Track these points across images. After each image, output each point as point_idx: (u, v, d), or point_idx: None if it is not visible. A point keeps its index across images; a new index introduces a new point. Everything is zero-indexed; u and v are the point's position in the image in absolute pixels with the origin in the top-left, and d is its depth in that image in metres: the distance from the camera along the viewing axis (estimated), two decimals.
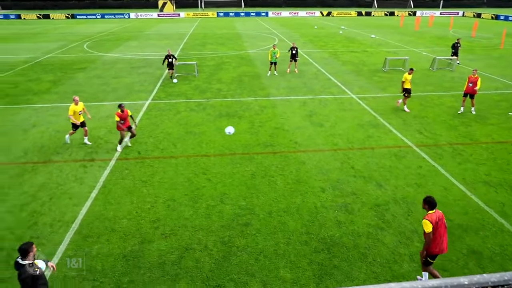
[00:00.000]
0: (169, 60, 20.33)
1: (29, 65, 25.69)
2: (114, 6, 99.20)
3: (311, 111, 15.67)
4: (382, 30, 47.58)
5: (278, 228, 8.13)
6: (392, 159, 11.33)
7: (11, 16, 71.30)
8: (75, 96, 12.14)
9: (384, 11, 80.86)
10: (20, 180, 10.13)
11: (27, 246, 5.09)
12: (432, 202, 6.21)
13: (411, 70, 15.53)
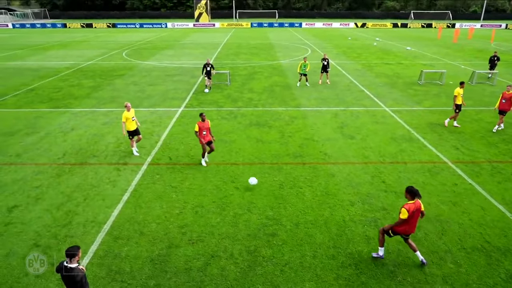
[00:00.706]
0: (207, 68, 20.53)
1: (72, 71, 27.05)
2: (153, 16, 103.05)
3: (342, 122, 15.46)
4: (418, 42, 46.45)
5: (305, 240, 8.02)
6: (425, 175, 10.94)
7: (58, 25, 75.65)
8: (127, 102, 11.91)
9: (421, 23, 78.98)
10: (58, 180, 10.61)
11: (74, 250, 5.25)
12: (413, 192, 6.79)
13: (463, 84, 14.54)
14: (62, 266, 5.20)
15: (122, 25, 75.49)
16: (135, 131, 11.96)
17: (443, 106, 17.97)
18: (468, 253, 7.59)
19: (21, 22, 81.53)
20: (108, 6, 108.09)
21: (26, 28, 74.49)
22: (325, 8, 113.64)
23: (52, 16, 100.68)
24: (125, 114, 11.71)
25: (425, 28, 75.61)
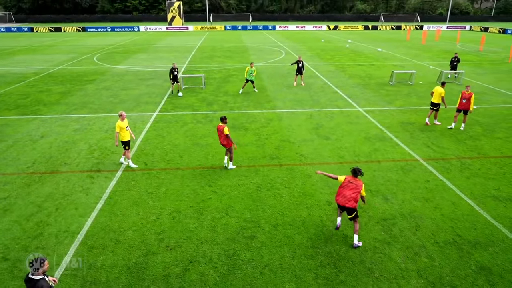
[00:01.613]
0: (174, 73, 20.16)
1: (40, 76, 26.15)
2: (124, 19, 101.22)
3: (318, 124, 15.67)
4: (388, 44, 47.77)
5: (284, 241, 8.05)
6: (399, 172, 11.23)
7: (24, 29, 72.96)
8: (122, 112, 11.23)
9: (390, 25, 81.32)
10: (28, 190, 10.21)
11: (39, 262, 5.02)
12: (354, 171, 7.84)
13: (444, 84, 15.27)
14: (27, 279, 5.02)
15: (92, 29, 73.71)
16: (129, 141, 11.40)
17: (414, 105, 18.54)
18: (441, 247, 7.84)
19: None
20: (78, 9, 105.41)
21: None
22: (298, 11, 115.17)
23: (18, 20, 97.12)
24: (119, 124, 11.03)
25: (394, 30, 77.92)
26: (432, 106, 15.26)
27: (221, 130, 10.79)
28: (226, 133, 10.71)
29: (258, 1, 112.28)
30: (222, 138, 10.89)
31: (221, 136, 10.87)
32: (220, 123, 10.89)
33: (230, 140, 10.89)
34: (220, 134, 10.86)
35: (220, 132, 10.83)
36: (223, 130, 10.74)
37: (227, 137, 10.80)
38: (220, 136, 10.95)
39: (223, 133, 10.77)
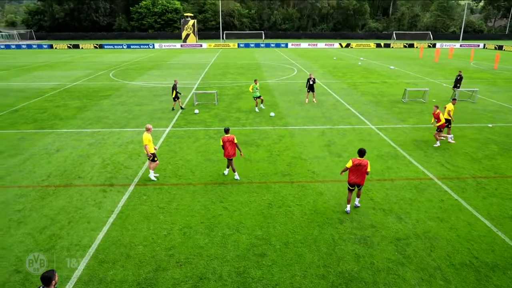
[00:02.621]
0: (176, 90, 20.32)
1: (58, 91, 26.83)
2: (140, 37, 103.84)
3: (330, 141, 15.61)
4: (401, 62, 47.75)
5: (295, 260, 7.93)
6: (412, 191, 11.05)
7: (44, 46, 75.36)
8: (149, 125, 11.55)
9: (403, 43, 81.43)
10: (42, 203, 10.35)
11: (50, 274, 5.09)
12: (360, 151, 9.30)
13: (454, 100, 15.45)
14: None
15: (109, 46, 75.69)
16: (154, 154, 11.55)
17: (427, 123, 18.35)
18: (457, 269, 7.62)
19: (6, 43, 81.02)
20: (95, 27, 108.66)
21: (11, 49, 74.01)
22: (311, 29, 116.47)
23: (38, 37, 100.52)
24: (147, 136, 11.23)
25: (407, 48, 77.97)
26: None
27: (231, 140, 11.19)
28: (236, 142, 11.26)
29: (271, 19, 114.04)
30: (232, 148, 11.24)
31: (231, 146, 11.21)
32: (227, 135, 11.31)
33: (239, 148, 11.42)
34: (230, 144, 11.18)
35: (230, 142, 11.17)
36: (233, 139, 11.22)
37: (237, 145, 11.32)
38: (228, 147, 11.21)
39: (233, 143, 11.21)
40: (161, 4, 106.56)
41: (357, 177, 9.32)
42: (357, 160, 9.24)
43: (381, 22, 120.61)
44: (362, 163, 9.17)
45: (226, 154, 11.40)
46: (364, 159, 9.23)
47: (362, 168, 9.18)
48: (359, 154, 9.28)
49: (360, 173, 9.26)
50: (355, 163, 9.20)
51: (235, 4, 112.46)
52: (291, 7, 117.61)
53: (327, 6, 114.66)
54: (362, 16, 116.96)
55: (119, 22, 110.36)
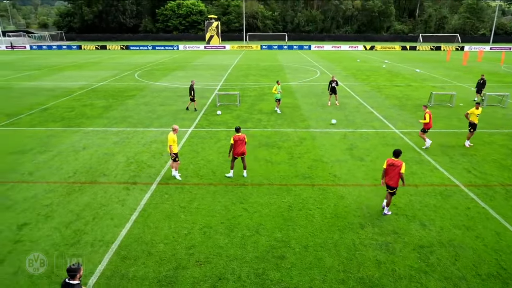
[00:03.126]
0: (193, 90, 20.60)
1: (85, 91, 27.66)
2: (165, 38, 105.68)
3: (352, 144, 15.41)
4: (427, 65, 46.63)
5: (314, 263, 7.87)
6: (437, 198, 10.75)
7: (73, 47, 77.89)
8: (175, 125, 11.82)
9: (430, 46, 79.49)
10: (68, 198, 10.68)
11: (76, 267, 5.25)
12: (395, 152, 9.35)
13: (478, 105, 14.97)
14: (64, 283, 5.21)
15: (135, 47, 77.42)
16: (177, 154, 11.76)
17: (454, 128, 17.84)
18: (483, 280, 7.36)
19: (39, 44, 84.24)
20: (122, 29, 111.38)
21: (43, 49, 76.88)
22: (334, 31, 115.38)
23: (68, 38, 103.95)
24: (173, 137, 11.47)
25: (434, 50, 76.07)
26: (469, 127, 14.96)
27: (242, 139, 11.54)
28: (246, 141, 11.65)
29: (294, 21, 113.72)
30: (243, 146, 11.60)
31: (242, 144, 11.57)
32: (238, 133, 11.57)
33: None
34: (241, 142, 11.54)
35: (241, 141, 11.53)
36: (244, 138, 11.60)
37: (245, 144, 11.68)
38: (240, 145, 11.55)
39: (244, 141, 11.58)
40: (186, 6, 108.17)
41: (390, 178, 9.29)
42: (391, 160, 9.28)
43: (407, 24, 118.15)
44: (395, 164, 9.17)
45: (236, 153, 11.67)
46: (398, 160, 9.23)
47: (395, 168, 9.17)
48: (394, 155, 9.32)
49: (393, 174, 9.22)
50: (389, 163, 9.26)
51: (259, 6, 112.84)
52: (315, 9, 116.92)
53: (351, 7, 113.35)
54: (388, 18, 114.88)
55: (145, 23, 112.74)
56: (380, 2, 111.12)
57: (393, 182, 9.27)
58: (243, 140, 11.54)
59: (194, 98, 20.82)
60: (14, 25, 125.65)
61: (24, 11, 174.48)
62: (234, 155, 11.73)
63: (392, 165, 9.20)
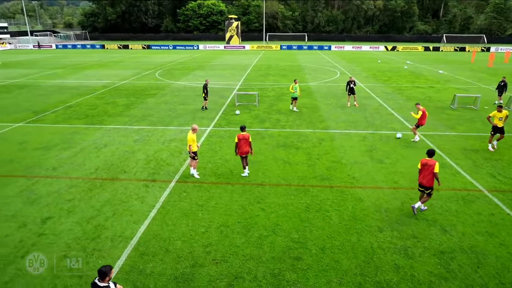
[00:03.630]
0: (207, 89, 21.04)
1: (108, 89, 28.27)
2: (186, 38, 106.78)
3: (371, 146, 15.20)
4: (451, 66, 45.49)
5: (331, 266, 7.80)
6: (459, 203, 10.48)
7: (96, 46, 79.69)
8: (195, 125, 11.91)
9: (454, 46, 77.50)
10: (90, 194, 10.95)
11: (107, 269, 5.26)
12: (429, 152, 9.57)
13: (500, 107, 14.60)
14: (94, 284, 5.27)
15: (156, 47, 78.56)
16: (196, 153, 11.86)
17: (478, 131, 17.35)
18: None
19: (64, 43, 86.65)
20: (144, 28, 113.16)
21: (67, 48, 78.97)
22: (355, 31, 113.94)
23: (92, 38, 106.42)
24: (192, 137, 11.56)
25: (458, 51, 74.11)
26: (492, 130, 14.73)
27: (246, 138, 11.76)
28: (250, 140, 11.78)
29: (315, 21, 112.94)
30: (247, 145, 11.74)
31: (246, 143, 11.68)
32: (243, 132, 11.73)
33: (251, 147, 11.94)
34: (245, 142, 11.66)
35: (245, 140, 11.64)
36: (248, 137, 11.72)
37: (250, 144, 11.83)
38: (244, 145, 11.68)
39: (248, 141, 11.71)
40: (206, 6, 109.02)
41: (423, 178, 9.44)
42: (425, 160, 9.49)
43: (430, 25, 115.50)
44: (429, 163, 9.35)
45: (241, 152, 11.81)
46: (432, 159, 9.42)
47: (429, 168, 9.30)
48: (428, 155, 9.51)
49: (427, 174, 9.35)
50: (423, 163, 9.47)
51: (279, 6, 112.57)
52: (336, 9, 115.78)
53: (373, 8, 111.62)
54: (410, 18, 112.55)
55: (166, 23, 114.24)
56: (403, 2, 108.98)
57: (426, 182, 9.39)
58: (247, 139, 11.68)
59: (206, 97, 21.08)
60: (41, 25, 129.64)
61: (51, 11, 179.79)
62: (238, 154, 11.90)
63: (425, 165, 9.39)
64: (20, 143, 15.53)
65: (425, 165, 9.42)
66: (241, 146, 11.69)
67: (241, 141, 11.64)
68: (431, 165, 9.31)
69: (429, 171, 9.33)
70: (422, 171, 9.49)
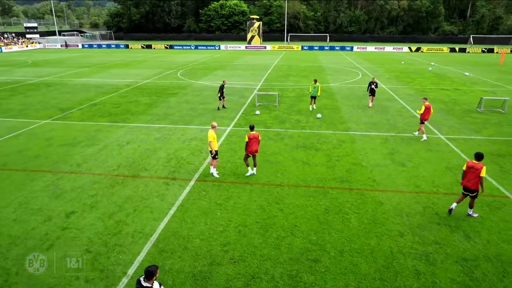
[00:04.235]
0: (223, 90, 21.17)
1: (131, 88, 28.85)
2: (207, 38, 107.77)
3: (393, 149, 14.92)
4: (478, 68, 44.13)
5: (349, 269, 7.71)
6: (484, 209, 10.16)
7: (121, 46, 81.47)
8: (214, 122, 12.00)
9: (481, 48, 75.14)
10: (112, 190, 11.20)
11: (153, 269, 5.24)
12: (477, 155, 9.30)
13: None
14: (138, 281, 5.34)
15: (178, 47, 79.62)
16: (217, 152, 11.99)
17: (506, 136, 16.76)
18: None
19: (90, 43, 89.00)
20: (167, 28, 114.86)
21: (93, 48, 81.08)
22: (378, 32, 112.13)
23: (117, 38, 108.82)
24: (212, 134, 11.62)
25: (485, 53, 71.82)
26: None
27: (256, 137, 11.80)
28: (259, 139, 11.88)
29: (337, 22, 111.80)
30: (256, 144, 11.84)
31: (255, 143, 11.82)
32: (253, 132, 11.82)
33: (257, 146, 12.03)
34: (255, 141, 11.78)
35: (255, 139, 11.77)
36: (258, 136, 11.84)
37: (259, 143, 11.95)
38: (253, 144, 11.78)
39: (257, 140, 11.84)
40: (228, 6, 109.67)
41: (468, 181, 9.28)
42: (471, 162, 9.31)
43: (456, 25, 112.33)
44: (475, 166, 9.17)
45: (250, 151, 11.90)
46: (479, 163, 9.20)
47: (475, 171, 9.12)
48: (475, 158, 9.32)
49: (472, 177, 9.18)
50: (469, 165, 9.29)
51: (301, 7, 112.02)
52: (359, 9, 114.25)
53: (397, 8, 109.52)
54: (436, 18, 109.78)
55: (188, 24, 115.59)
56: (428, 2, 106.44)
57: (471, 185, 9.23)
58: (257, 138, 11.81)
59: (220, 97, 21.32)
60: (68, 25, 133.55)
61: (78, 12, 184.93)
62: (247, 152, 12.00)
63: (471, 168, 9.20)
64: (47, 139, 16.05)
65: (471, 168, 9.19)
66: (251, 145, 11.82)
67: (251, 140, 11.77)
68: (477, 169, 9.09)
69: (475, 174, 9.11)
70: (467, 173, 9.26)
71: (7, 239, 8.68)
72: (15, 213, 9.88)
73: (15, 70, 40.74)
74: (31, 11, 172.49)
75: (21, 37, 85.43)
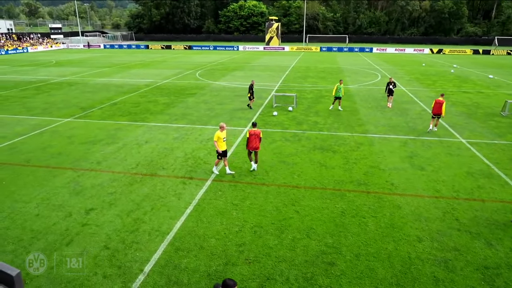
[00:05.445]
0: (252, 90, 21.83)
1: (150, 88, 29.30)
2: (226, 39, 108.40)
3: (412, 152, 14.65)
4: (502, 71, 42.87)
5: (365, 273, 7.61)
6: (507, 216, 9.85)
7: (141, 46, 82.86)
8: (223, 123, 11.98)
9: (506, 50, 72.94)
10: (130, 188, 11.40)
11: (232, 284, 4.72)
12: None
13: None
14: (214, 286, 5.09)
15: (197, 47, 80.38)
16: (224, 152, 12.08)
17: None
18: None
19: (111, 43, 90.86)
20: (186, 29, 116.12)
21: (114, 48, 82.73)
22: (398, 33, 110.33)
23: (137, 38, 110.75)
24: (218, 134, 11.72)
25: (511, 55, 69.67)
26: None
27: (257, 134, 12.06)
28: (261, 136, 12.14)
29: (356, 23, 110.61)
30: (256, 141, 12.08)
31: (256, 139, 12.05)
32: (254, 128, 12.16)
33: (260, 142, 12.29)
34: (255, 138, 11.99)
35: (255, 136, 12.00)
36: (259, 134, 12.10)
37: (260, 140, 12.17)
38: (253, 140, 12.03)
39: (258, 137, 12.06)
40: (247, 7, 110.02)
41: None
42: None
43: (480, 26, 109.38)
44: None
45: (250, 146, 12.17)
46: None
47: None
48: None
49: None
50: None
51: (320, 8, 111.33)
52: (379, 10, 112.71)
53: (418, 9, 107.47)
54: (459, 19, 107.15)
55: (207, 24, 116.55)
56: (451, 3, 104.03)
57: None
58: (258, 135, 12.05)
59: (251, 97, 21.79)
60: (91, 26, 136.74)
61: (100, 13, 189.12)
62: (248, 148, 12.29)
63: None
64: (69, 137, 16.46)
65: None
66: (251, 141, 12.09)
67: (251, 136, 12.03)
68: None
69: None
70: None
71: (30, 234, 8.95)
72: (38, 208, 10.18)
73: (40, 69, 41.99)
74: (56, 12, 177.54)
75: (46, 38, 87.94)
